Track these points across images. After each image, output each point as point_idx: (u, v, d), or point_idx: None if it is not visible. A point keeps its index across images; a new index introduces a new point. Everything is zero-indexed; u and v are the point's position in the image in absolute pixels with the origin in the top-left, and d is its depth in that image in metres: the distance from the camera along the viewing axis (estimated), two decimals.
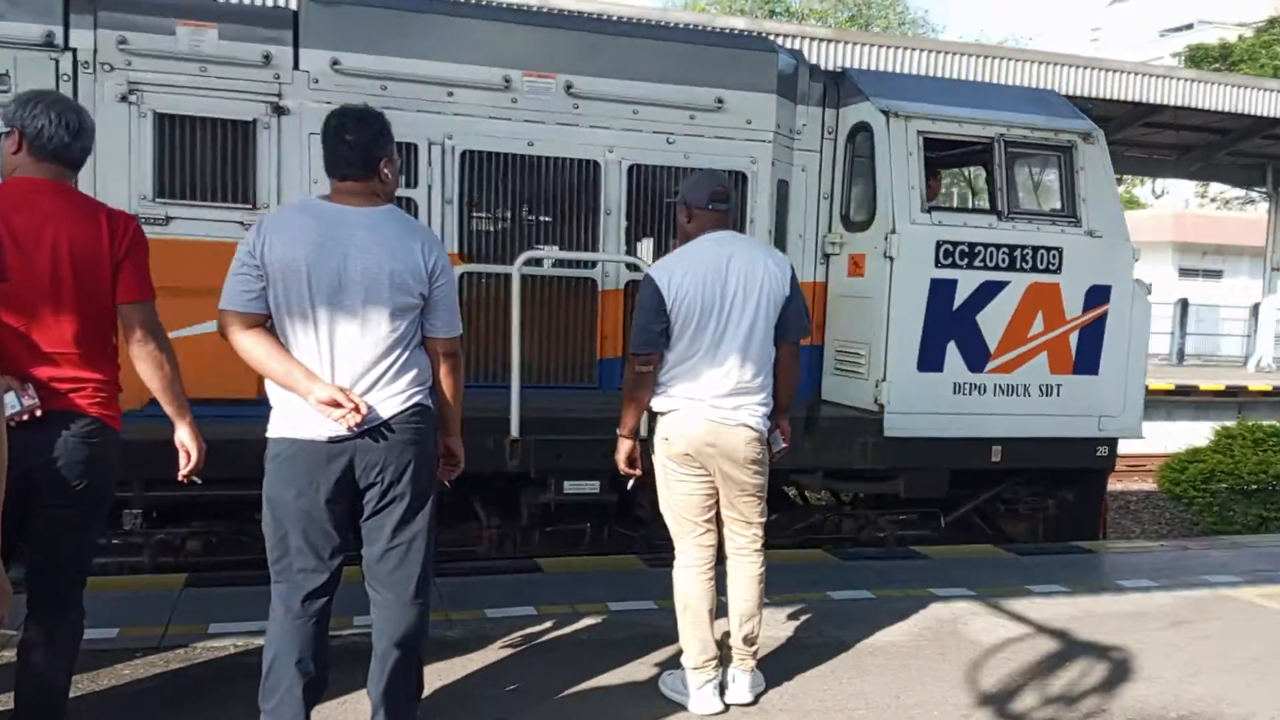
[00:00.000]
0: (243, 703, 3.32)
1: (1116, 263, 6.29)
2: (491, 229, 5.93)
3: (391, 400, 2.99)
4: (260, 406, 3.02)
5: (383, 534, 3.05)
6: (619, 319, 5.95)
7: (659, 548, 5.28)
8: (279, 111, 5.36)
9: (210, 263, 4.15)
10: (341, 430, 2.89)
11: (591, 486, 5.53)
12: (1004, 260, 6.07)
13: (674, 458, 3.62)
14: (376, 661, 3.08)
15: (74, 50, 5.12)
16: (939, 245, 5.96)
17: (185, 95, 5.25)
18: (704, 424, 3.55)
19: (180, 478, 3.10)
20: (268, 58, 5.32)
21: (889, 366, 5.94)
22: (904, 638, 4.46)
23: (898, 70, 13.17)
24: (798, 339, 3.71)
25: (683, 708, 3.62)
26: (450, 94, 5.58)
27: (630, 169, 5.91)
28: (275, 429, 2.98)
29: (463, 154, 5.63)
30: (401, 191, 5.33)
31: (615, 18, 9.52)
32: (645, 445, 3.77)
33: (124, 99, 5.16)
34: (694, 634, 3.62)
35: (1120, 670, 4.21)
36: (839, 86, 6.41)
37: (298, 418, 2.91)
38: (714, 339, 3.54)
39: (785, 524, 6.29)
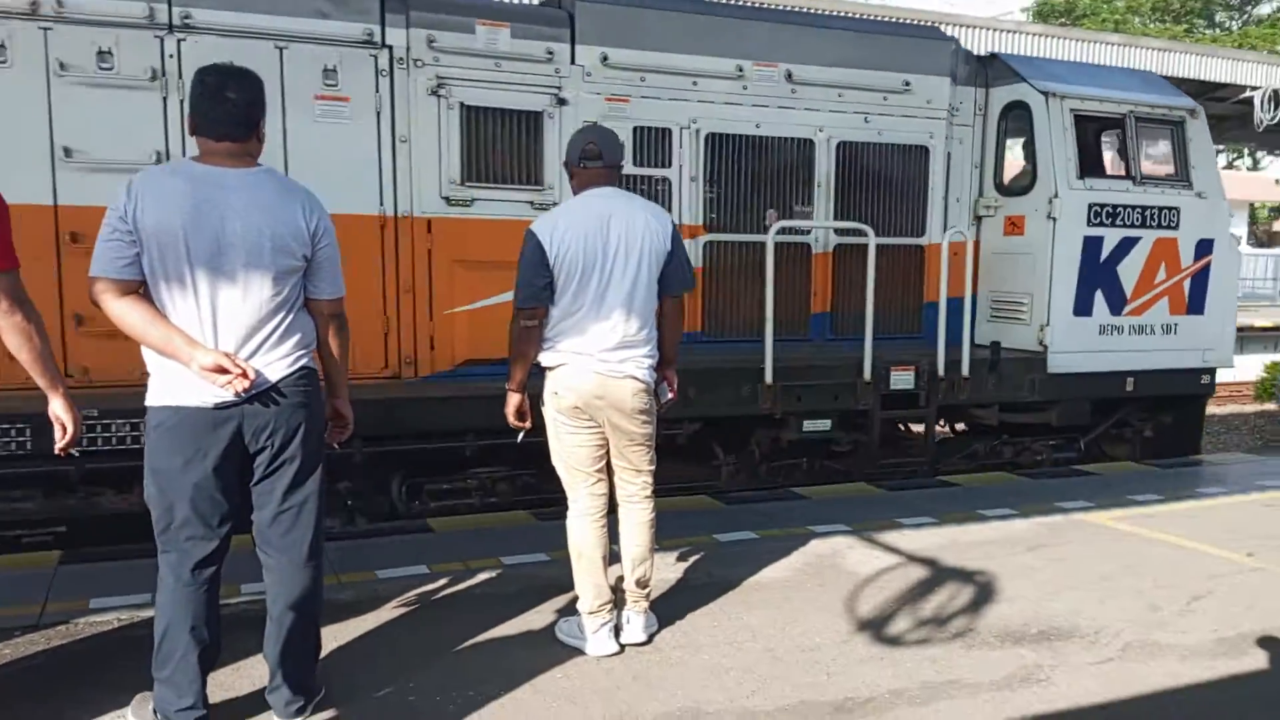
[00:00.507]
0: (132, 674, 3.28)
1: (1217, 220, 7.68)
2: (725, 201, 6.64)
3: (278, 364, 2.96)
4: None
5: (273, 498, 3.04)
6: (828, 278, 6.97)
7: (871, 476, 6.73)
8: (561, 102, 6.07)
9: (505, 239, 5.10)
10: (228, 396, 2.85)
11: (824, 425, 6.58)
12: (1137, 219, 7.33)
13: (563, 411, 3.69)
14: (273, 625, 3.08)
15: (390, 47, 5.68)
16: (1090, 207, 7.13)
17: (485, 88, 5.89)
18: (592, 377, 3.62)
19: (57, 451, 3.00)
20: (550, 54, 6.02)
21: (1051, 312, 7.09)
22: (787, 573, 4.67)
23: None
24: (680, 293, 3.80)
25: (580, 652, 3.72)
26: (695, 83, 6.40)
27: (838, 145, 6.88)
28: (156, 397, 2.91)
29: (706, 136, 6.48)
30: (657, 171, 6.37)
31: (823, 11, 10.66)
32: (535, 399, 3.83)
33: (434, 92, 5.79)
34: (589, 579, 3.72)
35: (985, 592, 4.51)
36: (988, 69, 7.47)
37: (180, 385, 2.85)
38: (597, 294, 3.60)
39: (951, 450, 7.59)
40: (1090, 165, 7.36)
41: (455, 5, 5.84)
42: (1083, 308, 7.21)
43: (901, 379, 6.69)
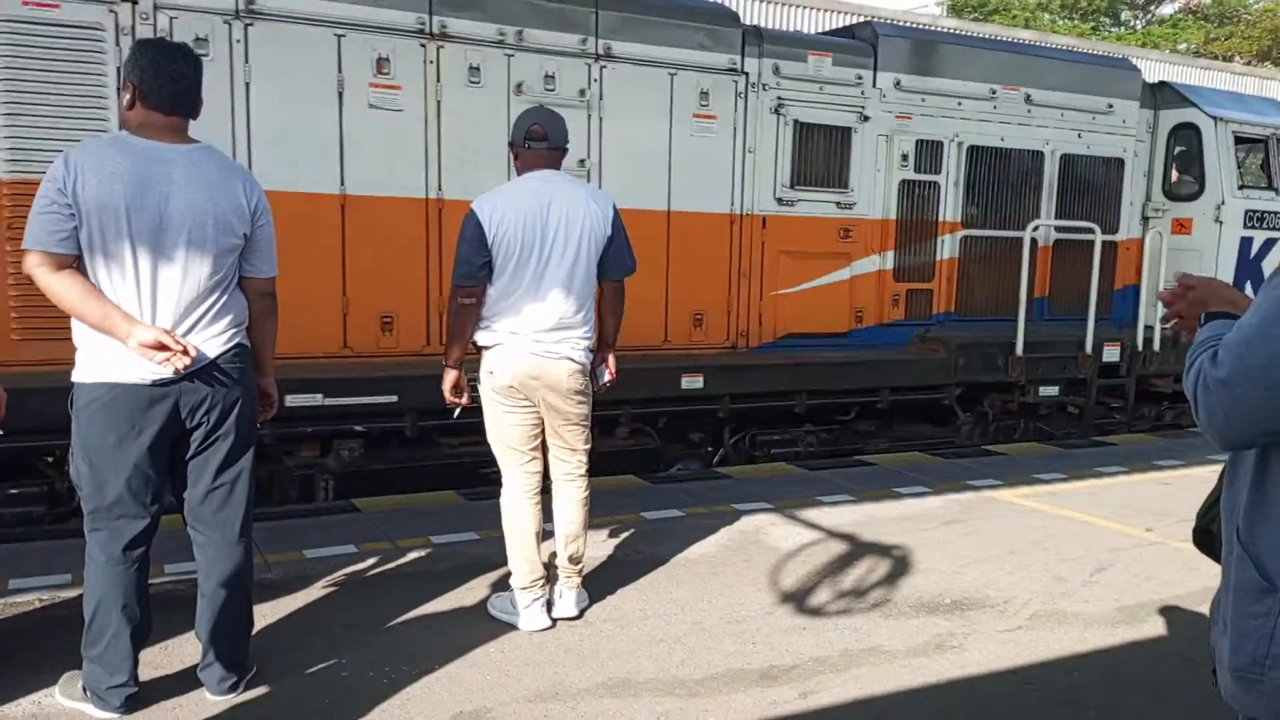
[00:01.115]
0: (57, 654, 3.24)
1: None
2: (977, 202, 7.94)
3: (214, 341, 2.95)
4: (845, 338, 4.14)
5: (206, 474, 3.03)
6: (1047, 268, 8.22)
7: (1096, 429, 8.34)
8: (864, 119, 7.33)
9: (818, 233, 7.23)
10: (166, 373, 2.82)
11: (1054, 390, 7.96)
12: (1276, 223, 8.85)
13: (499, 390, 3.72)
14: (204, 602, 3.07)
15: (746, 74, 6.86)
16: (1246, 213, 8.64)
17: (811, 108, 7.14)
18: (527, 358, 3.67)
19: None
20: (859, 79, 7.28)
21: None
22: (713, 549, 4.79)
23: None
24: (621, 278, 3.86)
25: (513, 626, 3.77)
26: (959, 104, 7.72)
27: (1060, 157, 8.19)
28: (89, 374, 2.87)
29: (967, 148, 7.79)
30: (929, 177, 7.68)
31: (1049, 44, 12.66)
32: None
33: (774, 111, 6.98)
34: (522, 555, 3.77)
35: (901, 565, 4.69)
36: (1158, 94, 8.86)
37: (115, 361, 2.82)
38: (535, 275, 3.64)
39: (1143, 416, 8.96)
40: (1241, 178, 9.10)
41: (794, 39, 7.41)
42: None
43: (1111, 353, 8.12)
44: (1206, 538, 1.75)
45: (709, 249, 6.87)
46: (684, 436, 6.97)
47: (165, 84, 2.86)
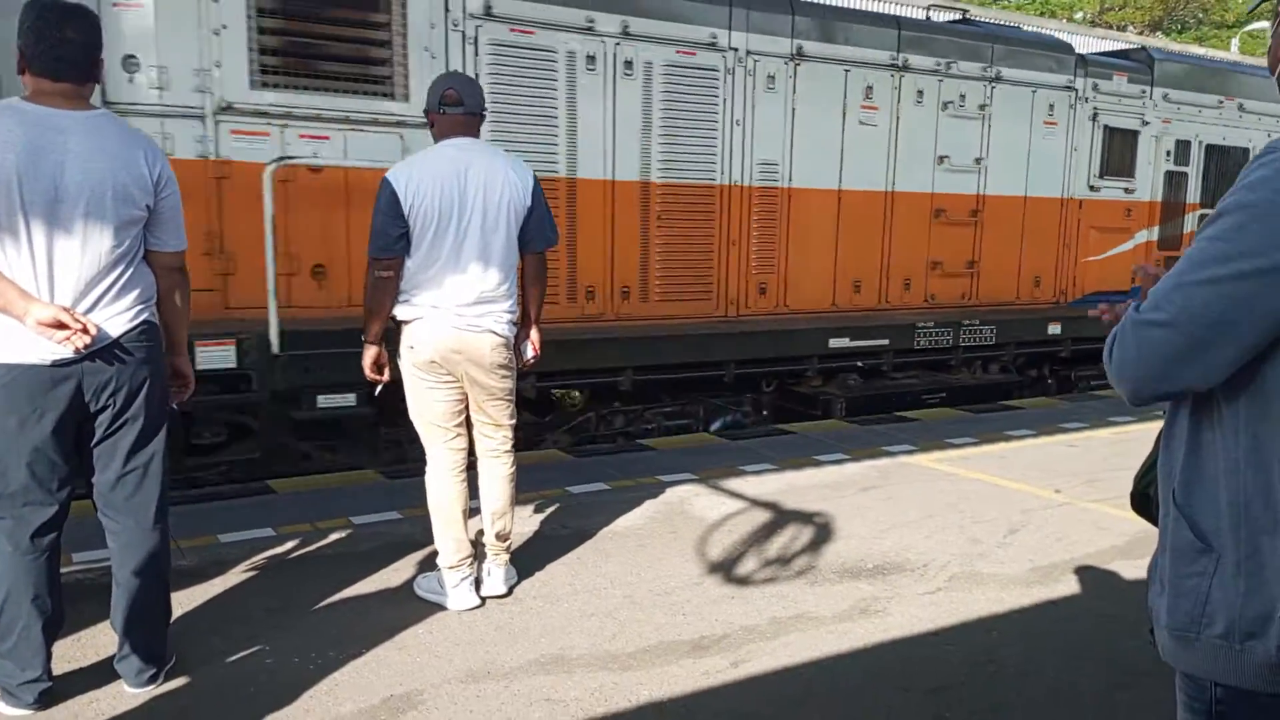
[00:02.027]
0: None
1: None
2: (1206, 189, 10.02)
3: (118, 319, 2.82)
4: (1128, 295, 5.66)
5: (116, 458, 2.90)
6: None
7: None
8: (1144, 123, 9.51)
9: (1113, 212, 9.48)
10: (67, 353, 2.68)
11: None
12: None
13: (421, 365, 3.64)
14: (120, 590, 2.95)
15: (1075, 90, 8.98)
16: None
17: (1113, 115, 9.26)
18: (449, 331, 3.59)
19: None
20: (1143, 92, 9.41)
21: None
22: (640, 521, 4.79)
23: None
24: (543, 249, 3.80)
25: (441, 607, 3.72)
26: (1199, 111, 9.87)
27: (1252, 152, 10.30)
28: None
29: (1205, 146, 9.99)
30: (1180, 168, 9.87)
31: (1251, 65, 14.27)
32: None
33: (1091, 119, 9.09)
34: (449, 534, 3.71)
35: (824, 531, 4.76)
36: None
37: (13, 341, 2.67)
38: (455, 246, 3.56)
39: None
40: None
41: (1107, 63, 9.36)
42: None
43: None
44: (1144, 501, 1.80)
45: (1046, 226, 9.08)
46: (1024, 371, 9.19)
47: (47, 49, 2.71)
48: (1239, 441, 1.41)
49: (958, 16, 10.93)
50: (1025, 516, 5.09)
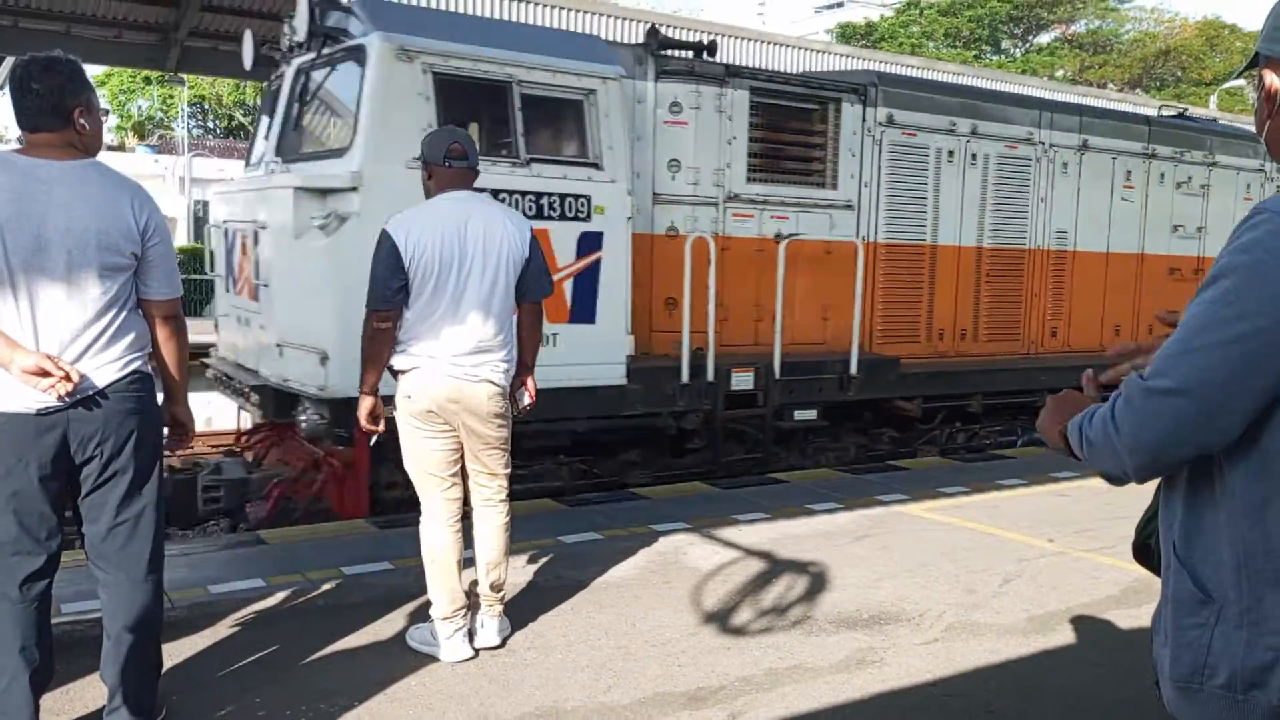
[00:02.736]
0: None
1: None
2: None
3: (107, 368, 2.81)
4: None
5: (106, 511, 2.88)
6: None
7: None
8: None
9: None
10: (51, 401, 2.68)
11: None
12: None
13: (417, 415, 3.64)
14: (110, 644, 2.91)
15: (1264, 171, 10.45)
16: None
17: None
18: (446, 381, 3.60)
19: None
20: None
21: None
22: (634, 571, 4.76)
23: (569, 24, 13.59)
24: (539, 299, 3.82)
25: (433, 658, 3.68)
26: None
27: None
28: None
29: None
30: None
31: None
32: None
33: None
34: (443, 585, 3.68)
35: (818, 581, 4.74)
36: None
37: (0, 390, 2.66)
38: (453, 298, 3.58)
39: None
40: None
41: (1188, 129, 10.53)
42: None
43: None
44: (1146, 552, 1.80)
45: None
46: None
47: (18, 102, 2.77)
48: (1238, 494, 1.43)
49: (1176, 113, 11.96)
50: (1019, 566, 5.08)
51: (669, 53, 7.07)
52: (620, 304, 6.48)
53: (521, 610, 4.15)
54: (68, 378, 2.66)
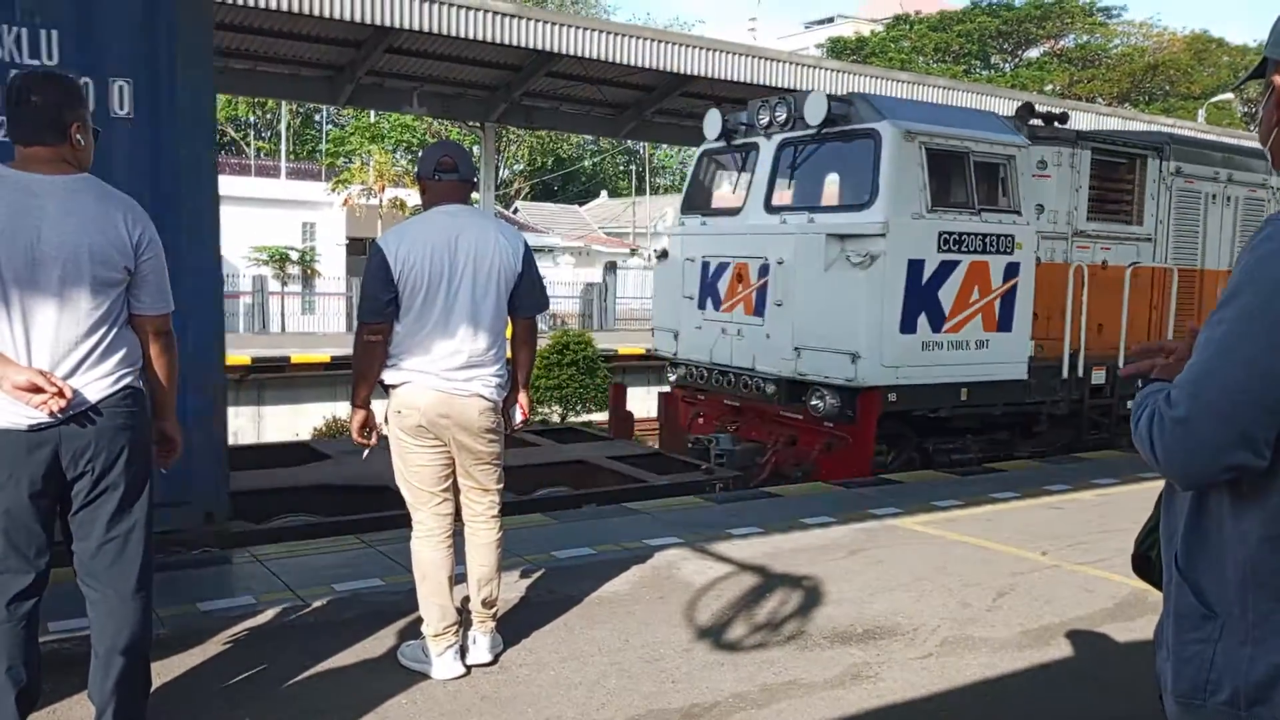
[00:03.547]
0: None
1: None
2: None
3: (99, 383, 2.79)
4: None
5: (96, 527, 2.84)
6: None
7: None
8: None
9: None
10: (43, 417, 2.65)
11: None
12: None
13: (407, 430, 3.62)
14: (98, 663, 2.87)
15: None
16: None
17: None
18: (436, 395, 3.58)
19: None
20: None
21: None
22: (627, 587, 4.74)
23: (565, 52, 13.63)
24: (532, 315, 3.81)
25: (425, 676, 3.65)
26: None
27: None
28: None
29: None
30: None
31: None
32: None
33: None
34: (434, 601, 3.65)
35: (813, 596, 4.72)
36: None
37: None
38: (444, 311, 3.56)
39: None
40: None
41: None
42: None
43: None
44: (1145, 563, 1.78)
45: None
46: None
47: (14, 115, 2.75)
48: (1246, 509, 1.41)
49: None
50: (1013, 580, 5.07)
51: (1034, 121, 9.16)
52: (1026, 317, 8.51)
53: (514, 626, 4.12)
54: (61, 394, 2.64)
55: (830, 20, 51.69)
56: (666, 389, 9.98)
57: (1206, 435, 1.37)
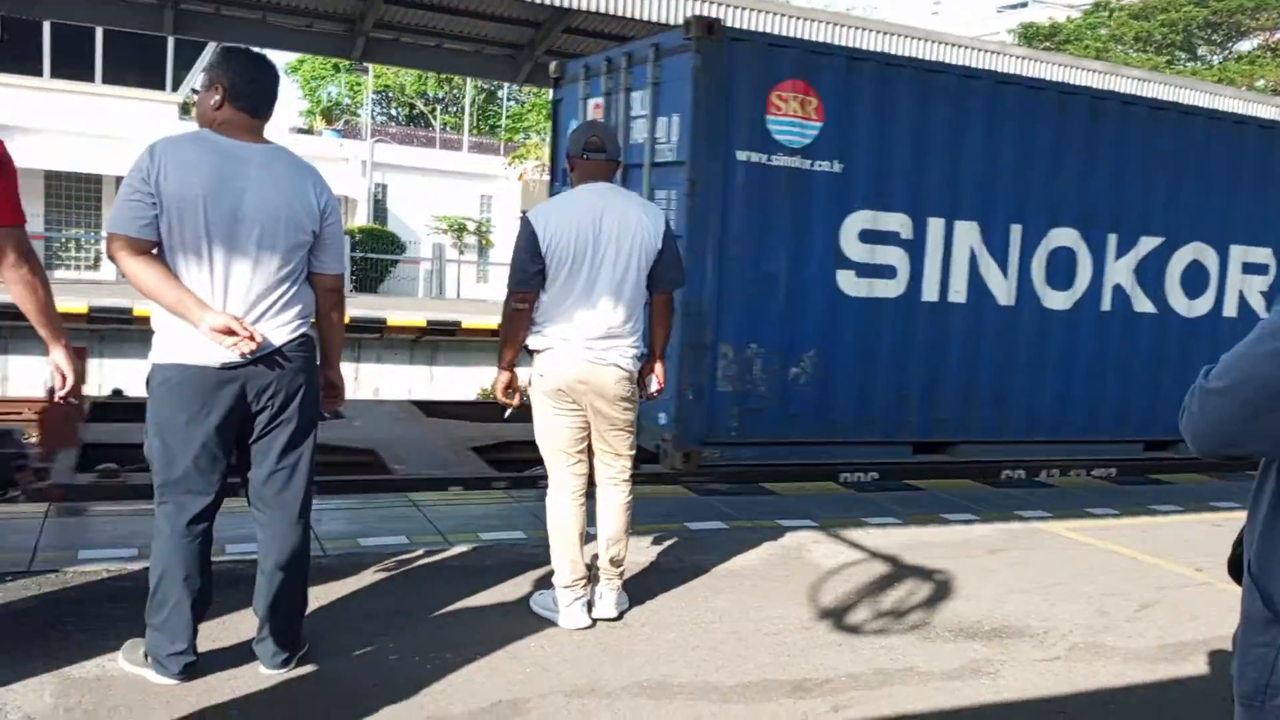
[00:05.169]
0: (121, 622, 3.41)
1: None
2: None
3: (281, 330, 3.09)
4: None
5: (270, 455, 3.16)
6: None
7: None
8: None
9: None
10: (234, 357, 2.97)
11: None
12: None
13: (549, 393, 3.83)
14: (263, 578, 3.20)
15: None
16: None
17: None
18: (577, 362, 3.77)
19: (58, 398, 3.12)
20: None
21: None
22: (754, 562, 4.84)
23: (742, 24, 13.59)
24: (671, 289, 3.95)
25: (552, 623, 3.86)
26: None
27: None
28: (164, 355, 3.03)
29: None
30: None
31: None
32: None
33: None
34: (565, 554, 3.86)
35: (942, 590, 4.69)
36: None
37: (188, 344, 2.97)
38: (587, 284, 3.74)
39: None
40: None
41: None
42: None
43: None
44: (1237, 567, 1.78)
45: None
46: None
47: (258, 89, 3.07)
48: None
49: None
50: (1160, 593, 4.88)
51: None
52: None
53: (641, 588, 4.29)
54: (251, 337, 2.95)
55: (1024, 4, 49.44)
56: None
57: (1222, 409, 1.39)
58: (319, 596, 3.87)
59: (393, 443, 7.96)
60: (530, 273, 3.74)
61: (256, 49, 3.23)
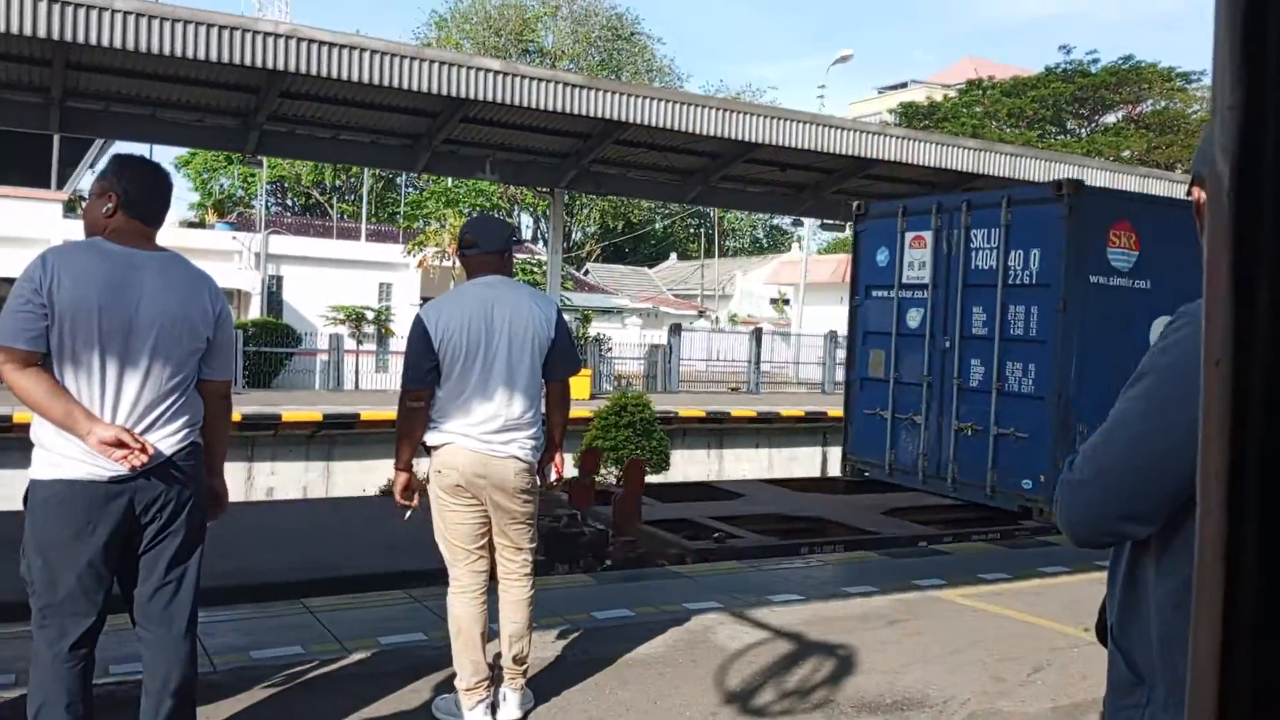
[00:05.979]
0: None
1: None
2: None
3: (170, 439, 3.04)
4: None
5: (157, 569, 3.08)
6: None
7: None
8: None
9: None
10: (123, 470, 2.91)
11: None
12: None
13: (446, 489, 3.82)
14: (149, 700, 3.08)
15: None
16: None
17: None
18: (474, 456, 3.78)
19: None
20: None
21: None
22: (661, 649, 4.84)
23: (633, 121, 14.05)
24: (565, 378, 4.01)
25: None
26: None
27: None
28: (46, 470, 2.93)
29: None
30: None
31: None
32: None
33: None
34: (466, 656, 3.81)
35: (845, 665, 4.76)
36: None
37: (73, 459, 2.89)
38: (481, 377, 3.78)
39: None
40: None
41: None
42: None
43: None
44: (1104, 632, 1.87)
45: None
46: None
47: (153, 198, 3.08)
48: (1169, 581, 1.51)
49: None
50: (1052, 654, 5.04)
51: None
52: None
53: (546, 684, 4.24)
54: (144, 449, 2.88)
55: (904, 85, 51.95)
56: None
57: (1095, 500, 1.49)
58: (208, 716, 3.72)
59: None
60: (424, 370, 3.76)
61: (149, 157, 3.22)
